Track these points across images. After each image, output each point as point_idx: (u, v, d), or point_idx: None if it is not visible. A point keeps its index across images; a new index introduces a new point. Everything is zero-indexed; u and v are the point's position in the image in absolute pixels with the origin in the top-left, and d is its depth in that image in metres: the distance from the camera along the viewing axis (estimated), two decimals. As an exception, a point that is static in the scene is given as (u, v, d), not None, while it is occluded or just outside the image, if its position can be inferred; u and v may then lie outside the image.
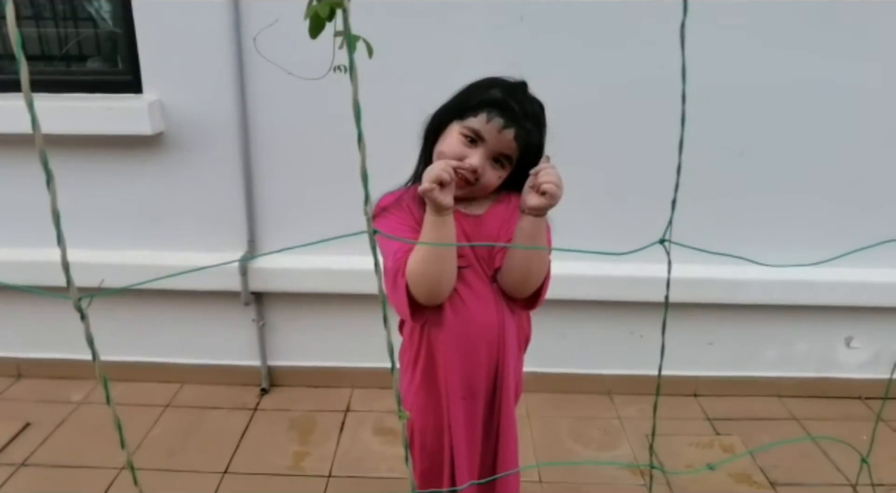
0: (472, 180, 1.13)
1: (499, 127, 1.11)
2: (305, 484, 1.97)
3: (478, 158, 1.12)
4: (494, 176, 1.16)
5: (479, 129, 1.12)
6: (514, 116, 1.11)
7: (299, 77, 1.72)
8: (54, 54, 2.28)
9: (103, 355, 2.09)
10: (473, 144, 1.13)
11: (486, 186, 1.16)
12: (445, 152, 1.13)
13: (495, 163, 1.15)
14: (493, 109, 1.11)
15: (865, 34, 2.04)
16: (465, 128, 1.13)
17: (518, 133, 1.11)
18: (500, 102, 1.12)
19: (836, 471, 2.06)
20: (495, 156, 1.14)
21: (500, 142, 1.12)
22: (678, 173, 0.55)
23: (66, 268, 0.46)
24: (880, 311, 2.36)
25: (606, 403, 2.44)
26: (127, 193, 2.25)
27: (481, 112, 1.12)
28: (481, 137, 1.12)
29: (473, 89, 1.17)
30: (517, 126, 1.11)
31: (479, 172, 1.13)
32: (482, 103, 1.12)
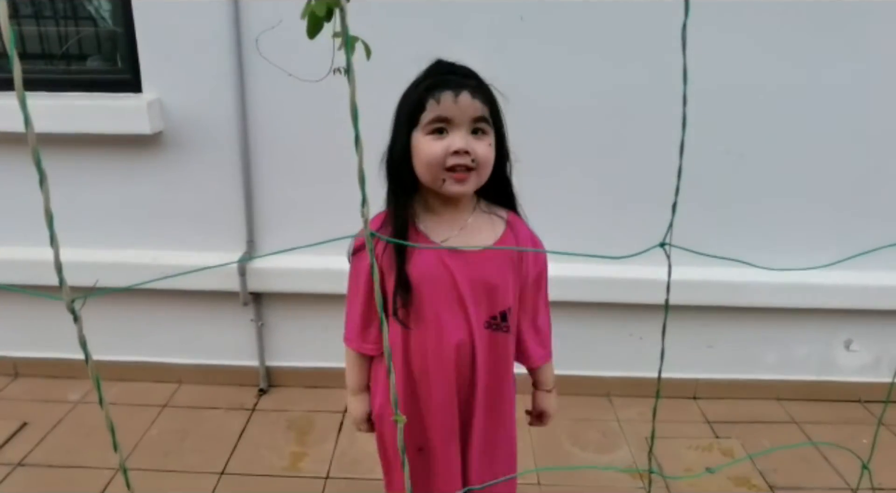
0: (471, 163, 1.07)
1: (452, 98, 1.05)
2: (303, 486, 1.96)
3: (458, 139, 1.06)
4: (486, 147, 1.09)
5: (437, 114, 1.06)
6: (457, 83, 1.07)
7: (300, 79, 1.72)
8: (54, 53, 2.28)
9: (101, 355, 2.09)
10: (443, 133, 1.07)
11: (487, 162, 1.10)
12: (429, 160, 1.07)
13: (475, 134, 1.08)
14: (434, 89, 1.07)
15: (866, 38, 2.03)
16: (426, 126, 1.07)
17: (472, 92, 1.06)
18: (435, 82, 1.08)
19: (836, 475, 2.06)
20: (471, 127, 1.07)
21: (464, 110, 1.06)
22: (679, 177, 0.55)
23: (59, 269, 0.46)
24: (880, 314, 2.36)
25: (605, 405, 2.44)
26: (126, 193, 2.25)
27: (429, 102, 1.07)
28: (445, 119, 1.06)
29: (405, 100, 1.12)
30: (465, 87, 1.06)
31: (471, 150, 1.06)
32: (422, 98, 1.08)
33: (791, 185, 2.21)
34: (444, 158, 1.06)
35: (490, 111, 1.09)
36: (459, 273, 1.14)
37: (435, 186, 1.10)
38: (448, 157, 1.06)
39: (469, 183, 1.09)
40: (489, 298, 1.17)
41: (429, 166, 1.08)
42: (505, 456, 1.34)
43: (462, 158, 1.06)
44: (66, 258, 1.85)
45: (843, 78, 2.07)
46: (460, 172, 1.07)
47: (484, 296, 1.16)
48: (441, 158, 1.06)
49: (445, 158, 1.06)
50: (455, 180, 1.08)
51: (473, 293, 1.15)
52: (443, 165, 1.07)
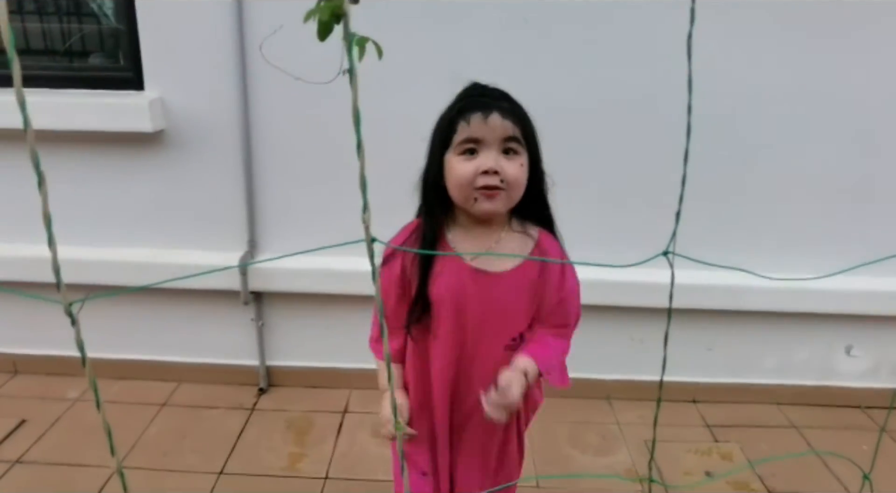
0: (501, 184, 1.07)
1: (482, 119, 1.07)
2: (302, 486, 1.96)
3: (488, 159, 1.07)
4: (517, 167, 1.09)
5: (467, 135, 1.07)
6: (487, 104, 1.08)
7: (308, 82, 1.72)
8: (57, 49, 2.27)
9: (100, 353, 2.08)
10: (474, 153, 1.08)
11: (517, 182, 1.09)
12: (459, 180, 1.08)
13: (507, 154, 1.09)
14: (465, 111, 1.08)
15: (872, 41, 2.03)
16: (458, 147, 1.09)
17: (502, 113, 1.07)
18: (468, 104, 1.09)
19: (835, 480, 2.05)
20: (501, 147, 1.08)
21: (493, 130, 1.07)
22: (683, 184, 0.54)
23: (57, 272, 0.45)
24: (880, 319, 2.35)
25: (605, 408, 2.43)
26: (127, 191, 2.24)
27: (459, 123, 1.08)
28: (475, 140, 1.08)
29: (439, 122, 1.14)
30: (496, 108, 1.07)
31: (500, 170, 1.06)
32: (454, 120, 1.09)
33: (794, 190, 2.20)
34: (475, 177, 1.07)
35: (522, 132, 1.09)
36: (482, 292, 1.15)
37: (467, 206, 1.12)
38: (478, 177, 1.07)
39: (499, 201, 1.09)
40: (506, 319, 1.18)
41: (460, 186, 1.09)
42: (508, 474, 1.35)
43: (491, 179, 1.07)
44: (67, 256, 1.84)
45: (846, 84, 2.07)
46: (490, 191, 1.08)
47: (502, 317, 1.18)
48: (471, 177, 1.07)
49: (475, 178, 1.07)
50: (485, 198, 1.09)
51: (488, 316, 1.17)
52: (473, 185, 1.08)
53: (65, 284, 0.45)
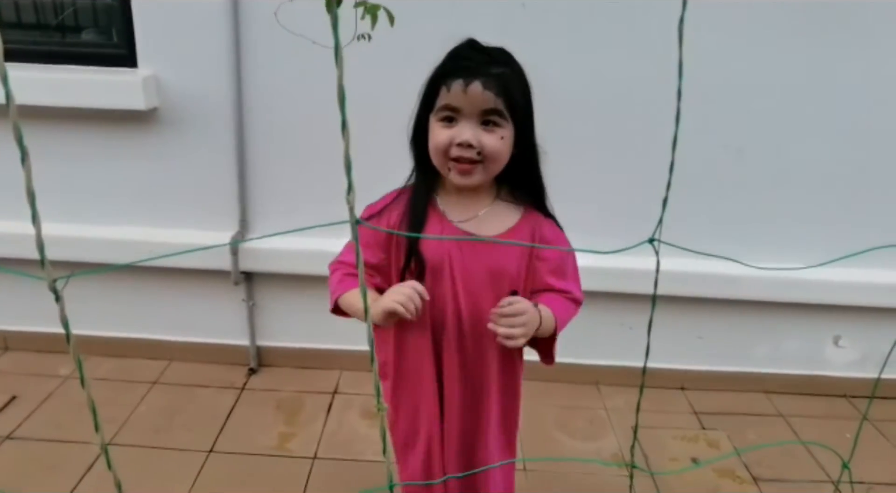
0: (477, 157, 1.04)
1: (462, 88, 1.01)
2: (290, 465, 1.97)
3: (465, 130, 1.03)
4: (496, 140, 1.04)
5: (446, 102, 1.03)
6: (471, 70, 1.02)
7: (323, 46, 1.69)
8: (49, 24, 2.24)
9: (92, 330, 2.08)
10: (453, 121, 1.04)
11: (496, 155, 1.06)
12: (436, 147, 1.06)
13: (486, 126, 1.04)
14: (447, 76, 1.04)
15: (865, 33, 2.02)
16: (438, 112, 1.06)
17: (485, 82, 1.01)
18: (452, 66, 1.05)
19: (819, 468, 2.08)
20: (481, 118, 1.04)
21: (472, 101, 1.02)
22: (670, 171, 0.54)
23: (41, 248, 0.45)
24: (869, 311, 2.37)
25: (593, 393, 2.45)
26: (119, 169, 2.23)
27: (441, 88, 1.04)
28: (453, 108, 1.03)
29: (428, 80, 1.10)
30: (479, 76, 1.01)
31: (476, 143, 1.03)
32: (438, 81, 1.06)
33: (786, 181, 2.20)
34: (450, 147, 1.04)
35: (507, 103, 1.03)
36: (472, 256, 1.13)
37: (443, 173, 1.10)
38: (453, 147, 1.04)
39: (474, 175, 1.07)
40: (497, 282, 1.16)
41: (436, 153, 1.07)
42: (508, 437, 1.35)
43: (466, 151, 1.03)
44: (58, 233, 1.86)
45: (841, 76, 2.07)
46: (464, 163, 1.05)
47: (489, 283, 1.15)
48: (446, 146, 1.04)
49: (451, 148, 1.04)
50: (458, 171, 1.06)
51: (478, 281, 1.15)
52: (448, 155, 1.05)
53: (52, 261, 0.45)
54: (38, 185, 0.45)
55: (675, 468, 2.06)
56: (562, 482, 1.97)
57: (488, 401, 1.25)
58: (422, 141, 1.12)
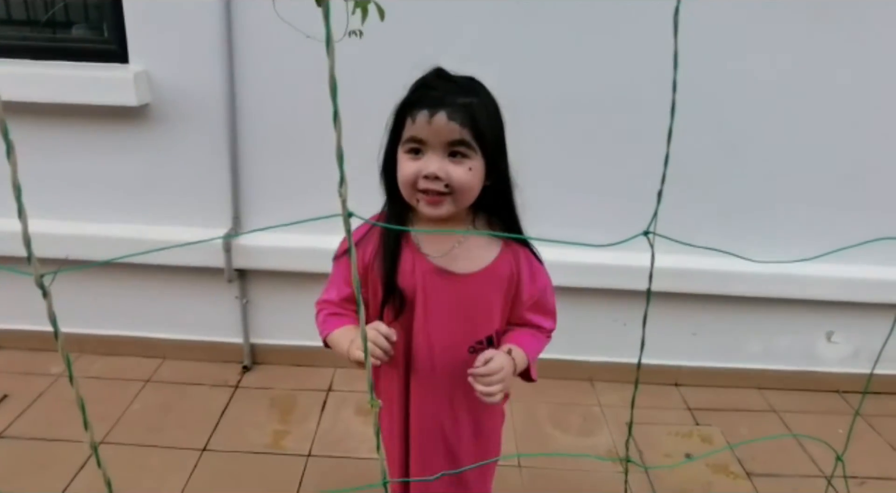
0: (444, 189, 1.01)
1: (426, 119, 0.98)
2: (285, 463, 1.96)
3: (431, 163, 1.00)
4: (463, 172, 1.01)
5: (413, 134, 1.01)
6: (436, 101, 0.99)
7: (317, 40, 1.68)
8: (38, 20, 2.22)
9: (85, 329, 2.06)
10: (419, 153, 1.02)
11: (464, 187, 1.02)
12: (403, 180, 1.04)
13: (454, 157, 1.01)
14: (412, 107, 1.01)
15: (860, 31, 2.03)
16: (405, 144, 1.03)
17: (450, 113, 0.98)
18: (416, 97, 1.02)
19: (812, 463, 2.09)
20: (447, 150, 1.01)
21: (438, 133, 0.99)
22: (665, 164, 0.54)
23: (28, 243, 0.44)
24: (861, 306, 2.38)
25: (587, 389, 2.46)
26: (110, 165, 2.21)
27: (407, 119, 1.02)
28: (419, 140, 1.00)
29: (395, 111, 1.07)
30: (444, 107, 0.98)
31: (442, 175, 1.00)
32: (404, 112, 1.03)
33: (781, 176, 2.21)
34: (416, 179, 1.02)
35: (474, 133, 1.00)
36: (446, 293, 1.11)
37: (412, 205, 1.07)
38: (420, 179, 1.01)
39: (443, 207, 1.04)
40: (472, 321, 1.14)
41: (404, 186, 1.05)
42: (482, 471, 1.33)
43: (433, 184, 1.01)
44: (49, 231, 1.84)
45: (835, 71, 2.07)
46: (432, 195, 1.02)
47: (466, 319, 1.14)
48: (413, 179, 1.02)
49: (418, 180, 1.02)
50: (427, 202, 1.03)
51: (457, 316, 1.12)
52: (416, 187, 1.03)
53: (42, 258, 0.45)
54: (28, 181, 0.44)
55: (669, 463, 2.06)
56: (556, 478, 1.97)
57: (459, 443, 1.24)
58: (391, 173, 1.09)
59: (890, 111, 2.13)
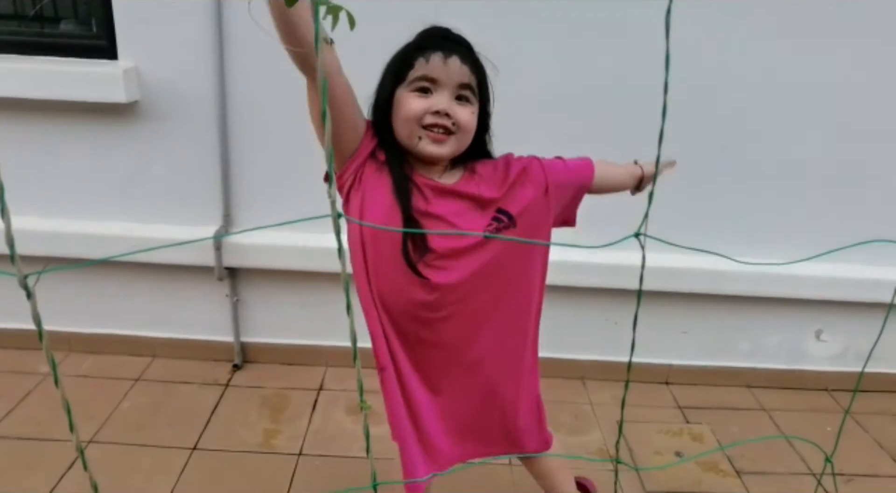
0: (452, 126, 1.07)
1: (441, 59, 1.05)
2: (275, 462, 1.96)
3: (442, 100, 1.06)
4: (469, 114, 1.09)
5: (425, 72, 1.06)
6: (450, 45, 1.07)
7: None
8: (26, 14, 2.20)
9: (73, 327, 2.05)
10: (428, 92, 1.07)
11: (468, 128, 1.10)
12: (408, 115, 1.07)
13: (459, 101, 1.08)
14: (425, 49, 1.07)
15: (851, 32, 2.04)
16: (412, 83, 1.07)
17: (462, 57, 1.07)
18: (430, 42, 1.08)
19: (800, 461, 2.10)
20: (456, 93, 1.08)
21: (451, 73, 1.06)
22: (657, 165, 0.54)
23: (11, 243, 0.44)
24: (850, 305, 2.39)
25: (579, 388, 2.46)
26: (99, 163, 2.19)
27: (418, 60, 1.07)
28: (431, 78, 1.06)
29: (398, 55, 1.12)
30: (459, 52, 1.07)
31: (452, 114, 1.06)
32: (414, 54, 1.08)
33: (771, 176, 2.22)
34: (424, 115, 1.06)
35: (478, 81, 1.09)
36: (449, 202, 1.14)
37: (410, 144, 1.09)
38: (428, 115, 1.05)
39: (446, 145, 1.08)
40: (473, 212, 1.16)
41: (407, 121, 1.07)
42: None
43: (442, 119, 1.06)
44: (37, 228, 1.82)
45: (825, 72, 2.08)
46: (438, 132, 1.07)
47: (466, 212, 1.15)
48: (420, 114, 1.06)
49: (424, 116, 1.06)
50: (432, 140, 1.07)
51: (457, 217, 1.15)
52: (421, 123, 1.06)
53: (31, 256, 0.44)
54: (15, 178, 0.44)
55: (659, 461, 2.07)
56: (547, 476, 1.97)
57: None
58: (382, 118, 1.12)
59: (881, 112, 2.15)
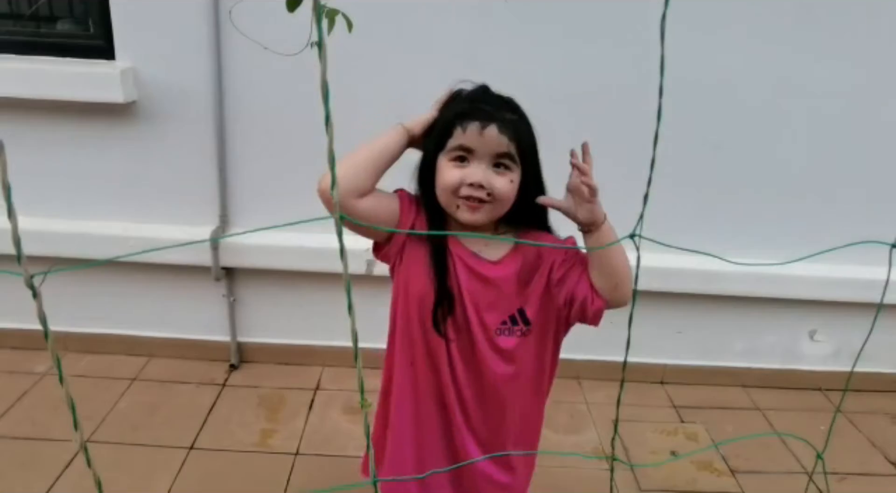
0: (487, 198, 1.07)
1: (478, 130, 1.05)
2: (272, 462, 1.96)
3: (477, 171, 1.06)
4: (506, 183, 1.08)
5: (461, 142, 1.06)
6: (488, 114, 1.06)
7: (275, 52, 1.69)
8: (22, 14, 2.20)
9: (70, 327, 2.05)
10: (465, 161, 1.08)
11: (504, 197, 1.09)
12: (445, 185, 1.08)
13: (497, 168, 1.08)
14: (464, 118, 1.07)
15: (845, 34, 2.05)
16: (449, 153, 1.08)
17: (500, 126, 1.06)
18: (469, 109, 1.08)
19: (794, 460, 2.12)
20: (493, 161, 1.08)
21: (487, 143, 1.06)
22: (651, 167, 0.55)
23: (17, 243, 0.44)
24: (843, 305, 2.41)
25: (574, 387, 2.47)
26: (96, 163, 2.20)
27: (456, 128, 1.07)
28: (467, 149, 1.07)
29: (440, 120, 1.12)
30: (496, 120, 1.06)
31: (486, 184, 1.06)
32: (451, 123, 1.08)
33: (764, 177, 2.24)
34: (460, 186, 1.07)
35: (518, 147, 1.08)
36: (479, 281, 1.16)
37: (449, 211, 1.12)
38: (463, 187, 1.07)
39: (481, 213, 1.09)
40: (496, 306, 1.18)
41: (444, 191, 1.09)
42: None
43: (476, 191, 1.07)
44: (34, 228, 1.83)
45: (819, 75, 2.10)
46: (473, 202, 1.08)
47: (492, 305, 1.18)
48: (456, 185, 1.07)
49: (461, 187, 1.07)
50: (467, 208, 1.09)
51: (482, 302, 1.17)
52: (457, 193, 1.08)
53: (28, 256, 0.45)
54: (11, 178, 0.44)
55: (654, 460, 2.08)
56: (543, 475, 1.97)
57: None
58: (428, 179, 1.14)
59: (872, 114, 2.16)
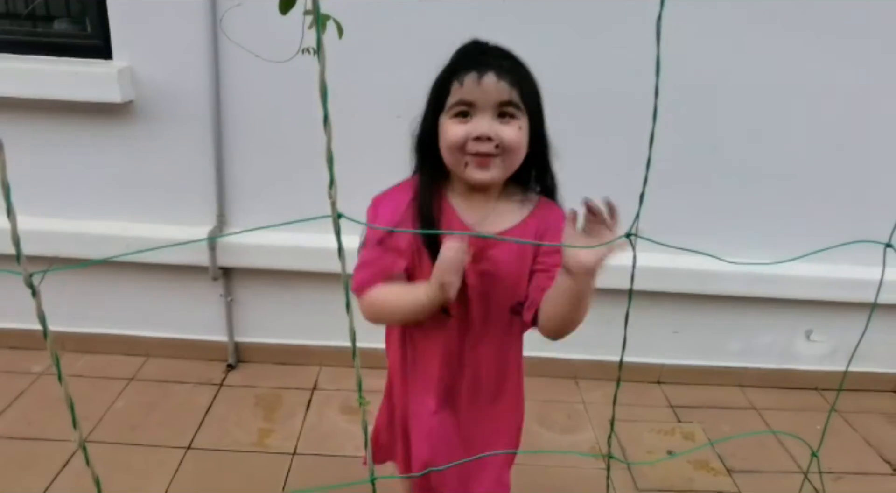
0: (496, 150, 1.01)
1: (475, 80, 0.99)
2: (270, 461, 1.96)
3: (481, 123, 1.00)
4: (514, 131, 1.02)
5: (460, 97, 1.01)
6: (483, 63, 1.00)
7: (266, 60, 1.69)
8: (19, 13, 2.19)
9: (67, 327, 2.05)
10: (468, 116, 1.01)
11: (514, 146, 1.03)
12: (450, 144, 1.03)
13: (502, 118, 1.02)
14: (460, 72, 1.01)
15: (843, 33, 2.06)
16: (449, 111, 1.03)
17: (498, 73, 1.00)
18: (462, 63, 1.03)
19: (790, 460, 2.13)
20: (497, 111, 1.01)
21: (488, 92, 0.99)
22: (647, 167, 0.55)
23: (17, 243, 0.45)
24: (840, 305, 2.42)
25: (572, 387, 2.48)
26: (93, 163, 2.19)
27: (453, 84, 1.01)
28: (468, 102, 1.00)
29: (435, 82, 1.07)
30: (492, 68, 1.00)
31: (493, 135, 1.00)
32: (447, 81, 1.03)
33: (761, 178, 2.24)
34: (466, 142, 1.01)
35: (521, 94, 1.02)
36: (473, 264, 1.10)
37: (458, 171, 1.06)
38: (469, 142, 1.01)
39: (493, 169, 1.03)
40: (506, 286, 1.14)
41: (451, 150, 1.03)
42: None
43: (483, 145, 1.00)
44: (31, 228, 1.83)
45: (816, 75, 2.10)
46: (482, 157, 1.02)
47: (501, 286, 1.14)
48: (462, 142, 1.01)
49: (467, 143, 1.01)
50: (477, 166, 1.03)
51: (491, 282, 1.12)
52: (464, 150, 1.02)
53: (27, 255, 0.45)
54: (8, 177, 0.44)
55: (651, 460, 2.09)
56: (541, 474, 1.99)
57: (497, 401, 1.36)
58: (429, 145, 1.09)
59: (869, 114, 2.17)
